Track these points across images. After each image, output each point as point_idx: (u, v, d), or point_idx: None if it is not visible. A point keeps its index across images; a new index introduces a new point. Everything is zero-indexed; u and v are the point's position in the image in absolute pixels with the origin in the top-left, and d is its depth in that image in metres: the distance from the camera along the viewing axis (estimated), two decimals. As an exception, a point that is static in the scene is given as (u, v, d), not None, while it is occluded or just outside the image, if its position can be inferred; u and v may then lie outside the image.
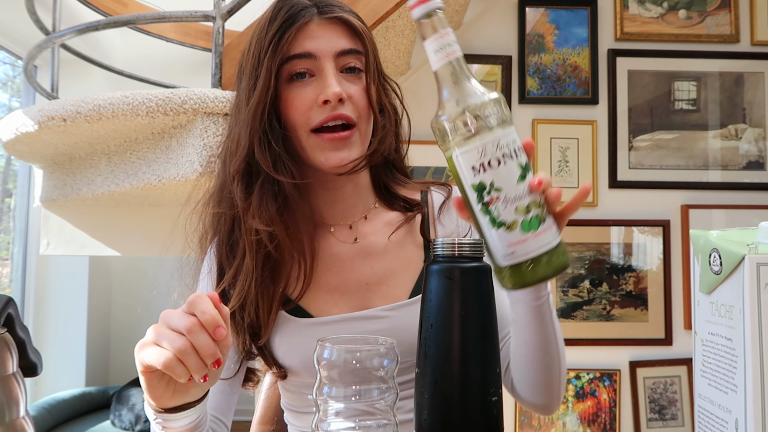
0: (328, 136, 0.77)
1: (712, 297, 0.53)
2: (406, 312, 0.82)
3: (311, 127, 0.77)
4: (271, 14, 0.80)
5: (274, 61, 0.76)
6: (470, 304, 0.56)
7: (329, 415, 0.54)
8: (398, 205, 0.89)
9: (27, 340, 1.33)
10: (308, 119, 0.77)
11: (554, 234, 0.62)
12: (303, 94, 0.77)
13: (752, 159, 2.38)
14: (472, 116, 0.58)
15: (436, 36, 0.59)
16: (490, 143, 0.58)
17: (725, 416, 0.51)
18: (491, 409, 0.56)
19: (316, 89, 0.77)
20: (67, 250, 1.89)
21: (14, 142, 1.61)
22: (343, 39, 0.79)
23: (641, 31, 2.38)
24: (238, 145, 0.80)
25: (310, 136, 0.78)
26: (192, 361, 0.58)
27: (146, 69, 2.42)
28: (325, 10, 0.79)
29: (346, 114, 0.77)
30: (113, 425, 2.40)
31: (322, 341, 0.56)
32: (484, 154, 0.58)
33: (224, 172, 0.83)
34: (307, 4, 0.79)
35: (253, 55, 0.79)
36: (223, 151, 0.85)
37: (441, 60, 0.60)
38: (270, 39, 0.77)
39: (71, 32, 1.62)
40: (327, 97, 0.75)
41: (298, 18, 0.77)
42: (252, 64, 0.79)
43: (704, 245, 0.54)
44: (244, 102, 0.80)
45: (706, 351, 0.54)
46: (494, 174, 0.58)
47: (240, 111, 0.81)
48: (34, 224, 2.58)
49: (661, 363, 2.31)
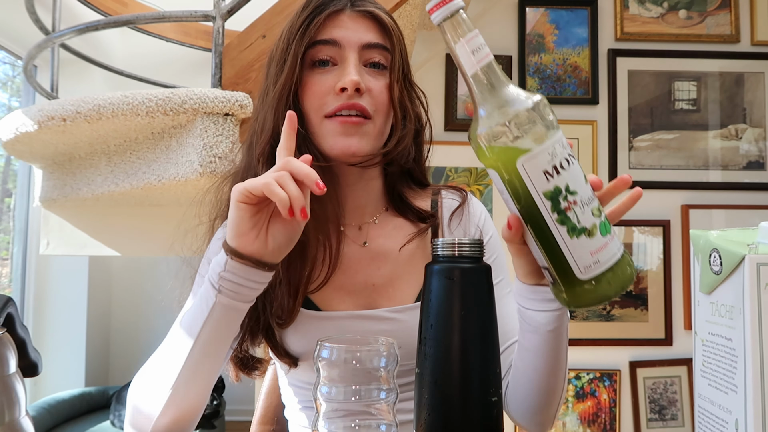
0: (340, 120, 0.77)
1: (712, 297, 0.53)
2: (410, 315, 0.82)
3: (325, 113, 0.78)
4: (305, 2, 0.81)
5: (300, 45, 0.77)
6: (470, 304, 0.56)
7: (329, 415, 0.54)
8: (410, 214, 0.89)
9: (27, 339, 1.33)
10: (323, 105, 0.78)
11: (618, 238, 0.57)
12: (322, 80, 0.78)
13: (752, 159, 2.38)
14: (533, 118, 0.54)
15: (466, 39, 0.56)
16: (558, 143, 0.53)
17: (725, 416, 0.51)
18: (491, 409, 0.56)
19: (335, 77, 0.78)
20: (66, 250, 1.89)
21: (14, 142, 1.61)
22: (371, 33, 0.80)
23: (641, 31, 2.38)
24: (263, 128, 0.81)
25: (323, 121, 0.78)
26: (291, 186, 0.61)
27: (146, 69, 2.42)
28: (357, 3, 0.80)
29: (362, 105, 0.77)
30: (113, 425, 2.40)
31: (322, 341, 0.56)
32: (554, 156, 0.53)
33: (249, 154, 0.84)
34: None
35: (283, 41, 0.81)
36: (248, 135, 0.85)
37: (476, 64, 0.57)
38: (300, 24, 0.78)
39: (71, 32, 1.62)
40: (344, 85, 0.76)
41: (329, 6, 0.79)
42: (281, 49, 0.81)
43: (704, 245, 0.54)
44: (272, 86, 0.81)
45: (706, 351, 0.54)
46: (568, 176, 0.53)
47: (267, 95, 0.82)
48: (33, 224, 2.58)
49: (661, 363, 2.31)
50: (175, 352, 0.70)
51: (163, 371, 0.71)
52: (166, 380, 0.70)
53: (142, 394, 0.73)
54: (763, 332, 0.48)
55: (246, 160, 0.85)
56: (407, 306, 0.83)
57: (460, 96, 2.34)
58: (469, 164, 2.29)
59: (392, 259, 0.86)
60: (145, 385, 0.73)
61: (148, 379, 0.73)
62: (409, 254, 0.87)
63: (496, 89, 0.56)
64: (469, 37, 0.56)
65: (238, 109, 1.38)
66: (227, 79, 1.49)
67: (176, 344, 0.71)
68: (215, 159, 1.35)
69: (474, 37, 0.56)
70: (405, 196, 0.89)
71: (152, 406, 0.71)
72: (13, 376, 0.58)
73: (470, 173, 2.30)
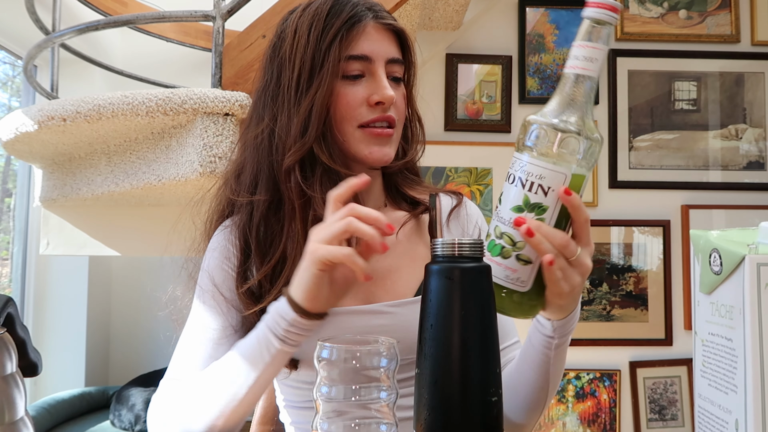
0: (376, 131, 0.82)
1: (712, 297, 0.53)
2: (410, 309, 0.83)
3: (359, 123, 0.81)
4: (331, 6, 0.82)
5: (336, 60, 0.79)
6: (470, 304, 0.56)
7: (329, 415, 0.54)
8: (405, 205, 0.92)
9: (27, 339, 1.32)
10: (356, 115, 0.81)
11: (524, 276, 0.62)
12: (354, 91, 0.81)
13: (752, 159, 2.38)
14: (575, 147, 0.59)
15: (594, 45, 0.58)
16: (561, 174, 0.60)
17: (725, 416, 0.51)
18: (491, 409, 0.56)
19: (367, 89, 0.81)
20: (66, 250, 1.89)
21: (14, 142, 1.61)
22: (394, 47, 0.84)
23: (641, 31, 2.38)
24: (294, 140, 0.80)
25: (356, 130, 0.82)
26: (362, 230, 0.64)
27: (146, 69, 2.42)
28: (380, 15, 0.83)
29: (392, 116, 0.83)
30: (113, 425, 2.39)
31: (322, 341, 0.56)
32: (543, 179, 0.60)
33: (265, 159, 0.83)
34: (363, 5, 0.83)
35: (309, 44, 0.80)
36: (256, 141, 0.85)
37: (583, 70, 0.59)
38: (333, 34, 0.80)
39: (71, 32, 1.62)
40: (382, 99, 0.80)
41: (361, 18, 0.81)
42: (308, 54, 0.80)
43: (704, 245, 0.54)
44: (293, 93, 0.81)
45: (706, 351, 0.54)
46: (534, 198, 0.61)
47: (282, 100, 0.82)
48: (33, 224, 2.58)
49: (661, 363, 2.31)
50: (229, 386, 0.73)
51: (214, 399, 0.73)
52: (215, 408, 0.73)
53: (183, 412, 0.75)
54: (763, 332, 0.48)
55: (255, 165, 0.84)
56: (407, 300, 0.84)
57: (460, 96, 2.34)
58: (469, 164, 2.29)
59: (390, 251, 0.86)
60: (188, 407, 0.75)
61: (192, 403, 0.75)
62: (408, 247, 0.89)
63: (574, 101, 0.60)
64: (591, 45, 0.58)
65: (238, 109, 1.38)
66: (227, 79, 1.49)
67: (232, 379, 0.73)
68: (215, 159, 1.35)
69: (594, 48, 0.59)
70: (400, 186, 0.93)
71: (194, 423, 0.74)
72: (13, 376, 0.58)
73: (470, 173, 2.30)
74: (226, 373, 0.74)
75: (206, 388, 0.75)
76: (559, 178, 0.60)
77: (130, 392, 2.45)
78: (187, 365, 0.81)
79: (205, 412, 0.74)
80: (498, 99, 2.34)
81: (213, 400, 0.73)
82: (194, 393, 0.76)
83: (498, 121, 2.33)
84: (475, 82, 2.35)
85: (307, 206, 0.80)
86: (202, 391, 0.75)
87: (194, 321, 0.84)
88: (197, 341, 0.82)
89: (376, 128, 0.81)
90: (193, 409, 0.75)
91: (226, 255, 0.84)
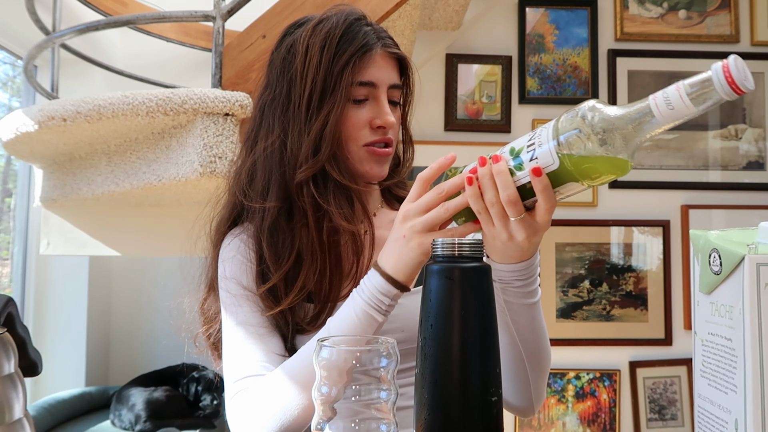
0: (379, 151, 0.89)
1: (712, 297, 0.53)
2: (411, 300, 0.86)
3: (363, 143, 0.88)
4: (344, 32, 0.87)
5: (347, 85, 0.85)
6: (470, 304, 0.56)
7: (329, 415, 0.54)
8: (397, 205, 0.98)
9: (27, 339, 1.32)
10: (360, 136, 0.88)
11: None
12: (359, 114, 0.88)
13: (752, 159, 2.38)
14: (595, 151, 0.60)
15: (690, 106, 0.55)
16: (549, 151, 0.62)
17: (725, 416, 0.51)
18: (491, 409, 0.56)
19: (370, 112, 0.88)
20: (67, 250, 1.89)
21: (14, 142, 1.61)
22: (395, 74, 0.91)
23: (641, 31, 2.38)
24: (306, 157, 0.86)
25: (360, 149, 0.89)
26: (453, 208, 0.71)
27: (146, 69, 2.42)
28: (386, 43, 0.90)
29: (391, 138, 0.91)
30: (113, 425, 2.40)
31: (322, 341, 0.56)
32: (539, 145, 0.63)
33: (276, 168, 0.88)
34: (373, 33, 0.89)
35: (321, 66, 0.85)
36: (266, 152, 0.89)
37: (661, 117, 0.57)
38: (345, 61, 0.85)
39: (71, 32, 1.62)
40: (384, 124, 0.88)
41: (372, 47, 0.87)
42: (320, 76, 0.85)
43: (704, 245, 0.54)
44: (303, 110, 0.86)
45: (705, 351, 0.54)
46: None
47: (293, 114, 0.87)
48: (34, 224, 2.58)
49: (661, 363, 2.31)
50: None
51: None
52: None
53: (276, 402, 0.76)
54: (763, 332, 0.48)
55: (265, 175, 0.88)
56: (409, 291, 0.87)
57: (460, 96, 2.34)
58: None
59: None
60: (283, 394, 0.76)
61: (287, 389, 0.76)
62: None
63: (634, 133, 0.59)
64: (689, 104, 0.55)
65: (238, 109, 1.39)
66: (227, 79, 1.49)
67: None
68: (215, 159, 1.36)
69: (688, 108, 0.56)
70: (393, 189, 1.01)
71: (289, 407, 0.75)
72: (13, 375, 0.58)
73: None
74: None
75: (301, 372, 0.76)
76: (547, 159, 0.62)
77: (130, 392, 2.45)
78: (252, 362, 0.82)
79: (305, 396, 0.75)
80: (498, 99, 2.34)
81: (307, 388, 0.74)
82: (287, 380, 0.77)
83: (498, 121, 2.33)
84: (475, 82, 2.35)
85: (322, 218, 0.86)
86: (298, 376, 0.76)
87: (236, 325, 0.85)
88: (250, 340, 0.83)
89: (378, 148, 0.89)
90: (291, 395, 0.75)
91: (246, 258, 0.88)
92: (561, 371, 2.29)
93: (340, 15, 0.89)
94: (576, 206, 2.32)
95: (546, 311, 2.31)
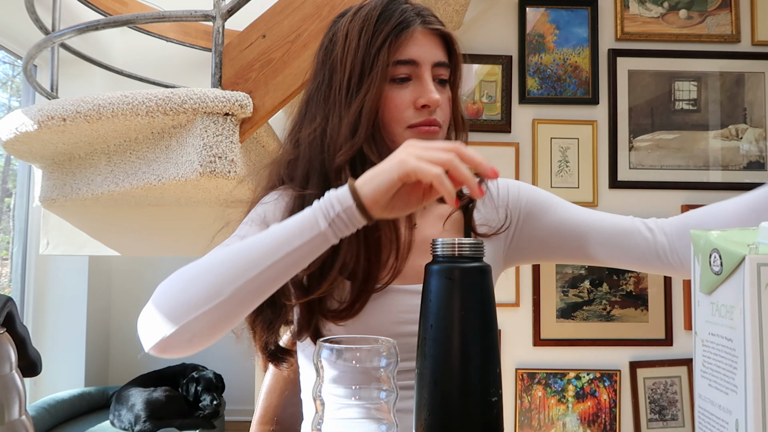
0: (424, 129, 0.85)
1: (712, 297, 0.53)
2: None
3: (407, 125, 0.85)
4: (381, 12, 0.85)
5: (385, 64, 0.83)
6: (470, 304, 0.56)
7: (329, 415, 0.54)
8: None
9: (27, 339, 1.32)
10: (404, 117, 0.85)
11: None
12: (402, 95, 0.85)
13: (753, 159, 2.38)
14: None
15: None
16: None
17: (725, 417, 0.51)
18: (491, 409, 0.56)
19: (413, 92, 0.85)
20: (66, 249, 1.89)
21: (14, 142, 1.61)
22: (440, 51, 0.87)
23: (642, 31, 2.38)
24: (345, 139, 0.84)
25: (405, 131, 0.86)
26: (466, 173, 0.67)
27: (146, 69, 2.42)
28: (427, 20, 0.86)
29: (437, 119, 0.86)
30: (113, 425, 2.40)
31: (322, 341, 0.55)
32: None
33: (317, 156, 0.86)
34: (412, 11, 0.86)
35: (359, 48, 0.84)
36: (309, 138, 0.87)
37: None
38: (382, 40, 0.83)
39: (71, 32, 1.62)
40: (428, 102, 0.84)
41: (409, 24, 0.84)
42: (358, 58, 0.84)
43: (704, 245, 0.54)
44: (344, 94, 0.85)
45: (706, 351, 0.54)
46: None
47: (334, 101, 0.86)
48: (33, 224, 2.58)
49: (661, 363, 2.31)
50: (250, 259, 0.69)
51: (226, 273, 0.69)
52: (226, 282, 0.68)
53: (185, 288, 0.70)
54: (763, 333, 0.48)
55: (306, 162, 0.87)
56: None
57: (460, 96, 2.34)
58: (469, 164, 2.29)
59: (422, 240, 0.91)
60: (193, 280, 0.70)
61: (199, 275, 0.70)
62: (436, 234, 0.92)
63: None
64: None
65: (238, 109, 1.38)
66: (227, 79, 1.49)
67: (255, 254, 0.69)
68: (215, 159, 1.35)
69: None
70: None
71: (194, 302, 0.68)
72: (13, 375, 0.58)
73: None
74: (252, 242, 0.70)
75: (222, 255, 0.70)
76: None
77: (130, 392, 2.45)
78: None
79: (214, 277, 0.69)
80: (498, 99, 2.34)
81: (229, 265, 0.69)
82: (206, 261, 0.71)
83: (498, 121, 2.33)
84: (475, 82, 2.35)
85: None
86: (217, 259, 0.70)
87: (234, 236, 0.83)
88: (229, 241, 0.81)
89: (423, 126, 0.85)
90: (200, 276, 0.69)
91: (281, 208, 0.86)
92: (561, 371, 2.29)
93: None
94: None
95: (546, 311, 2.32)
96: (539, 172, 2.31)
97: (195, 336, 0.69)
